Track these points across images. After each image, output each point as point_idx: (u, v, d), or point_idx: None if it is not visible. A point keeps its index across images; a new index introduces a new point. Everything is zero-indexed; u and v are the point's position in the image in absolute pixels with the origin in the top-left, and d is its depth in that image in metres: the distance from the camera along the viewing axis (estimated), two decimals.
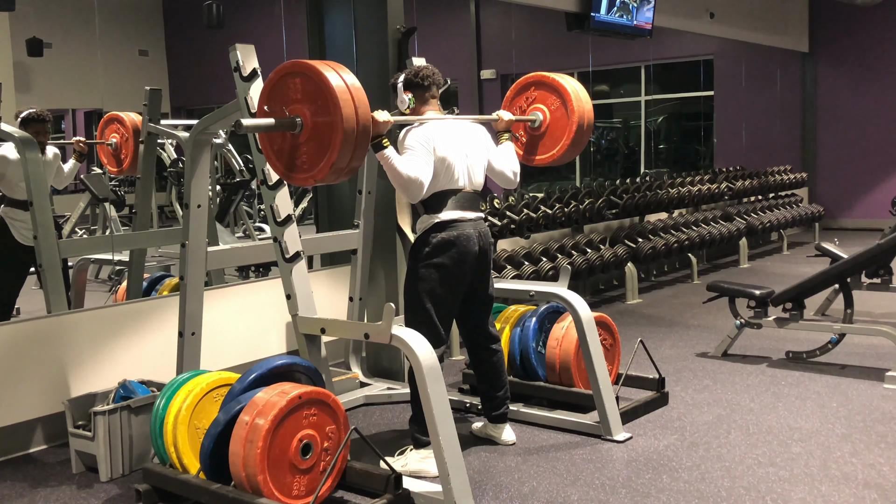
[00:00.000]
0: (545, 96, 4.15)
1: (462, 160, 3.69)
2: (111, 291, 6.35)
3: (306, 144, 3.05)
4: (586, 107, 4.09)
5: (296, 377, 3.29)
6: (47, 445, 4.14)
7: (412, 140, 3.56)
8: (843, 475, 3.48)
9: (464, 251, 3.64)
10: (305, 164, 3.06)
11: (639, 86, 13.79)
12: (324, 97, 2.96)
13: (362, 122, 2.99)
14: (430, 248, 3.63)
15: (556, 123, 4.11)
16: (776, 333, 5.66)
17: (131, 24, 10.37)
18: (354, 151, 3.00)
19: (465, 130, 3.79)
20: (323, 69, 2.99)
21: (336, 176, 3.05)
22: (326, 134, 2.98)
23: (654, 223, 8.11)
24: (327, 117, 2.97)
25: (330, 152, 2.97)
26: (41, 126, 5.15)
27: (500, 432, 3.96)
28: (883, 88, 11.82)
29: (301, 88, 3.04)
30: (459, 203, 3.68)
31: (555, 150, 4.12)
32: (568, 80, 4.14)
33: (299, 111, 3.04)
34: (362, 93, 3.03)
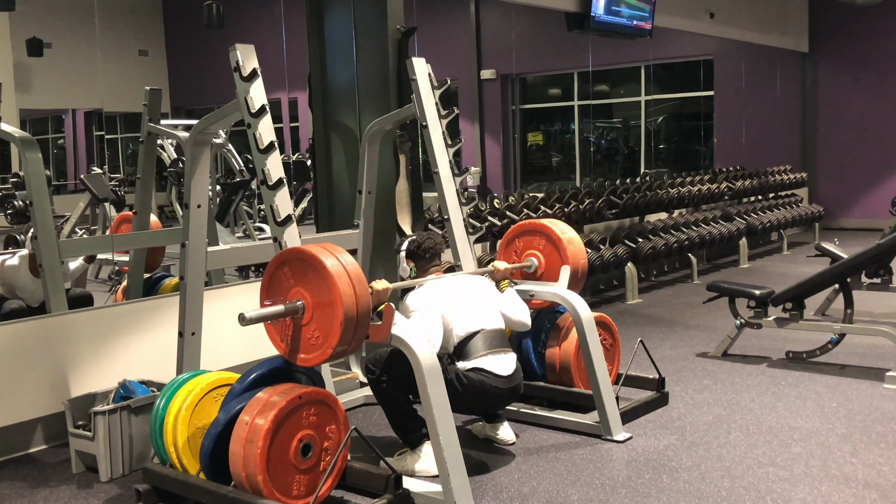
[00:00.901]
0: (531, 241, 4.39)
1: (470, 306, 3.69)
2: (111, 291, 6.36)
3: (310, 325, 3.07)
4: (580, 256, 4.29)
5: (296, 377, 3.29)
6: (47, 445, 4.14)
7: (415, 302, 3.61)
8: (843, 475, 3.48)
9: (491, 403, 3.70)
10: (312, 343, 3.08)
11: (639, 86, 13.78)
12: (321, 280, 3.00)
13: (361, 299, 3.01)
14: (458, 382, 3.53)
15: (551, 266, 4.31)
16: (776, 333, 5.66)
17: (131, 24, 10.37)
18: (357, 326, 3.02)
19: (466, 281, 3.85)
20: (317, 252, 3.02)
21: (343, 352, 3.08)
22: (329, 313, 3.00)
23: (654, 223, 8.11)
24: (327, 297, 2.99)
25: (334, 330, 2.99)
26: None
27: (499, 431, 3.96)
28: (883, 88, 11.82)
29: (297, 274, 3.08)
30: (487, 343, 3.63)
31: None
32: (553, 223, 4.36)
33: (299, 295, 3.07)
34: (358, 269, 3.06)
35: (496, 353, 3.63)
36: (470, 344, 3.61)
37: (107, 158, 9.31)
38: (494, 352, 3.63)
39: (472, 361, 3.58)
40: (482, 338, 3.62)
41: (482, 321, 3.67)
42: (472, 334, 3.62)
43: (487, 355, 3.60)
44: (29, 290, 5.14)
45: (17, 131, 4.89)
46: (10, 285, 5.18)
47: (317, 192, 5.71)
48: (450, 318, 3.61)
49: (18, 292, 5.19)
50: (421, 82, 4.50)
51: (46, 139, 9.94)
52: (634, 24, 8.45)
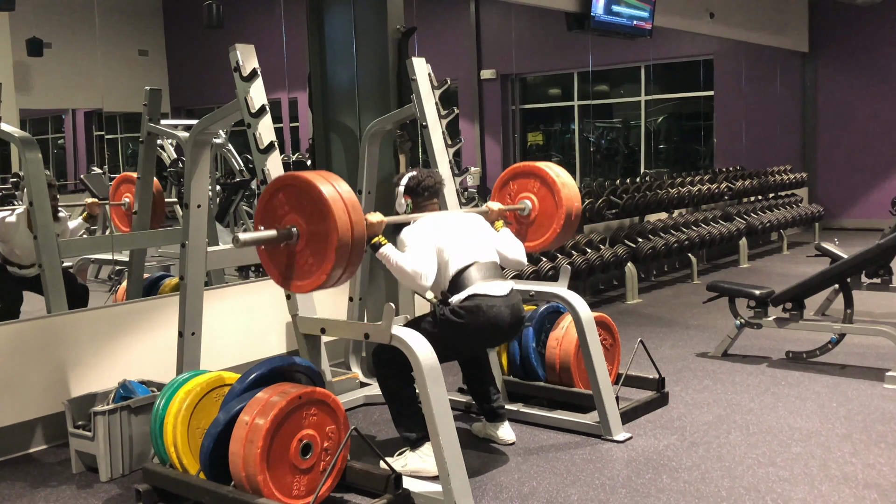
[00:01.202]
0: (525, 184, 4.27)
1: (465, 240, 3.68)
2: (111, 291, 6.35)
3: (304, 252, 3.05)
4: (574, 198, 4.19)
5: (296, 377, 3.29)
6: (47, 445, 4.14)
7: (410, 235, 3.58)
8: (843, 475, 3.48)
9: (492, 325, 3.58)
10: (305, 271, 3.06)
11: (639, 86, 13.78)
12: (316, 206, 2.98)
13: (357, 227, 2.99)
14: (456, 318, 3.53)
15: (544, 211, 4.22)
16: (776, 333, 5.66)
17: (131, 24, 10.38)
18: (351, 255, 3.01)
19: (461, 218, 3.84)
20: (314, 179, 3.00)
21: (335, 280, 3.06)
22: (322, 241, 2.98)
23: (654, 223, 8.11)
24: (322, 225, 2.97)
25: (328, 258, 2.97)
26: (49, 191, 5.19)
27: (499, 431, 3.96)
28: (883, 88, 11.82)
29: (292, 200, 3.06)
30: (482, 273, 3.62)
31: (545, 236, 4.22)
32: (548, 166, 4.25)
33: (294, 221, 3.05)
34: (354, 199, 3.04)
35: (491, 280, 3.62)
36: (463, 276, 3.58)
37: (107, 158, 9.31)
38: (488, 279, 3.61)
39: (466, 291, 3.56)
40: (476, 269, 3.61)
41: (476, 254, 3.66)
42: (467, 267, 3.60)
43: (481, 282, 3.59)
44: (26, 247, 5.11)
45: (17, 131, 4.89)
46: (9, 243, 5.16)
47: None
48: (445, 252, 3.59)
49: (17, 249, 5.17)
50: (421, 82, 4.50)
51: (46, 139, 9.94)
52: (634, 24, 8.45)
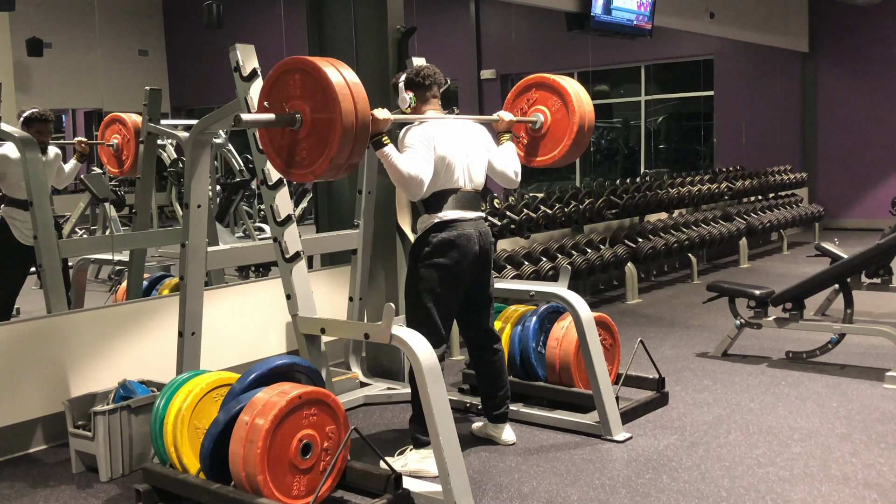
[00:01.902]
0: (546, 97, 4.15)
1: (462, 159, 3.69)
2: (111, 291, 6.36)
3: (306, 140, 3.04)
4: (587, 108, 4.09)
5: (296, 377, 3.29)
6: (47, 445, 4.14)
7: (412, 138, 3.56)
8: (843, 475, 3.48)
9: (464, 251, 3.64)
10: (304, 159, 3.06)
11: (639, 86, 13.79)
12: (323, 93, 2.96)
13: (361, 118, 2.98)
14: (430, 248, 3.63)
15: (556, 125, 4.10)
16: (776, 333, 5.66)
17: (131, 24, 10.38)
18: (353, 147, 2.99)
19: (466, 130, 3.79)
20: (322, 65, 2.99)
21: (335, 172, 3.05)
22: (325, 129, 2.97)
23: (654, 223, 8.11)
24: (326, 113, 2.96)
25: (329, 148, 2.96)
26: (43, 126, 5.15)
27: (501, 432, 3.96)
28: (883, 88, 11.82)
29: (301, 85, 3.04)
30: (459, 202, 3.67)
31: (555, 151, 4.12)
32: (569, 82, 4.14)
33: (299, 107, 3.04)
34: (361, 89, 3.02)
35: (465, 211, 3.68)
36: (444, 197, 3.64)
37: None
38: (465, 209, 3.68)
39: (440, 214, 3.63)
40: (456, 197, 3.67)
41: (466, 178, 3.70)
42: (450, 191, 3.65)
43: (457, 210, 3.66)
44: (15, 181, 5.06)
45: (17, 131, 4.89)
46: (5, 175, 5.08)
47: (317, 192, 5.71)
48: (441, 164, 3.61)
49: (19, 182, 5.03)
50: None
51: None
52: (634, 24, 8.45)
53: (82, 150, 5.57)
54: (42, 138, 5.09)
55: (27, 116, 5.13)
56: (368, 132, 3.09)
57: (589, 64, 12.25)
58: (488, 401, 3.98)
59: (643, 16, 8.53)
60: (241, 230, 8.71)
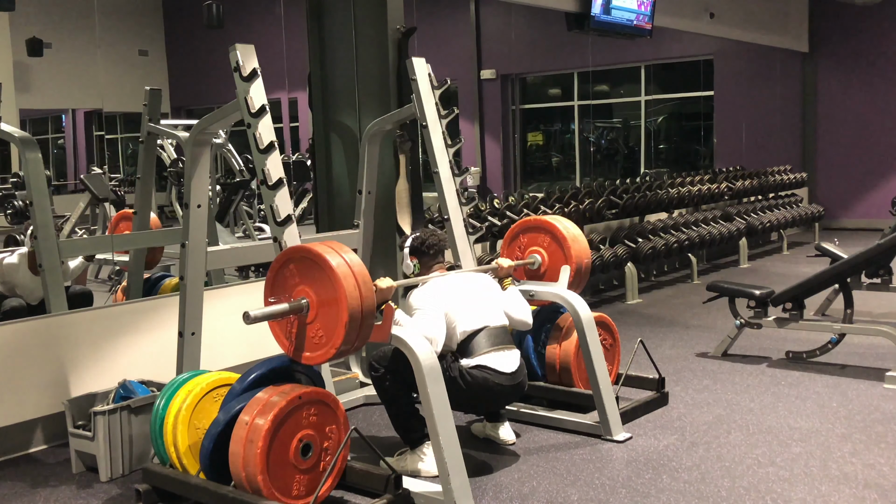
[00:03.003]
0: (535, 238, 4.36)
1: (474, 304, 3.69)
2: (111, 291, 6.36)
3: (315, 324, 3.07)
4: (582, 244, 4.27)
5: (296, 377, 3.29)
6: (47, 445, 4.14)
7: (419, 300, 3.59)
8: (843, 475, 3.48)
9: (495, 400, 3.71)
10: (316, 342, 3.08)
11: (639, 86, 13.79)
12: (326, 278, 3.00)
13: (366, 297, 3.02)
14: (460, 381, 3.53)
15: (554, 263, 4.28)
16: (776, 333, 5.66)
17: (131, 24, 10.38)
18: (362, 324, 3.03)
19: (470, 279, 3.84)
20: (322, 251, 3.03)
21: (346, 351, 3.08)
22: (333, 311, 3.00)
23: (654, 223, 8.11)
24: (331, 295, 2.99)
25: (338, 328, 2.99)
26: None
27: (500, 431, 3.96)
28: (883, 88, 11.82)
29: (302, 272, 3.08)
30: (490, 340, 3.63)
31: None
32: (558, 220, 4.33)
33: (304, 293, 3.08)
34: (363, 267, 3.06)
35: (500, 350, 3.63)
36: (473, 341, 3.60)
37: (107, 158, 9.32)
38: (498, 349, 3.63)
39: (476, 359, 3.58)
40: (486, 335, 3.63)
41: (486, 318, 3.67)
42: (476, 331, 3.62)
43: (491, 352, 3.60)
44: (28, 288, 5.15)
45: (17, 131, 4.89)
46: (10, 283, 5.19)
47: (317, 192, 5.71)
48: (453, 315, 3.61)
49: (18, 290, 5.20)
50: (421, 82, 4.50)
51: (46, 139, 9.95)
52: (634, 24, 8.45)
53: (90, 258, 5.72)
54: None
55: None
56: (374, 306, 3.10)
57: (589, 64, 12.27)
58: None
59: (643, 16, 8.53)
60: (241, 230, 8.72)
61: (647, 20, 8.60)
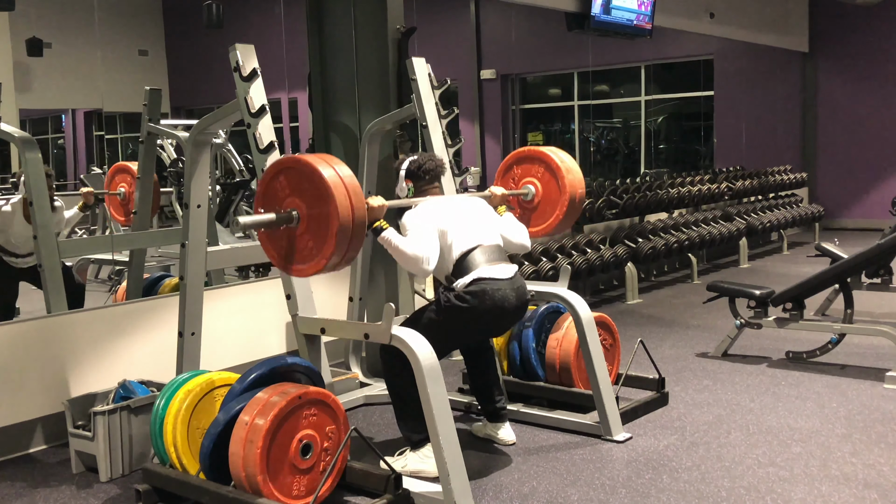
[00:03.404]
0: (529, 169, 4.24)
1: (469, 223, 3.67)
2: (111, 291, 6.35)
3: (304, 236, 3.05)
4: (577, 175, 4.16)
5: (296, 377, 3.29)
6: (47, 445, 4.13)
7: (412, 220, 3.55)
8: (843, 475, 3.48)
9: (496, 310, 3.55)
10: (305, 255, 3.06)
11: (639, 86, 13.79)
12: (317, 189, 2.96)
13: (357, 210, 2.99)
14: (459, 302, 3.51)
15: (548, 195, 4.18)
16: (776, 333, 5.66)
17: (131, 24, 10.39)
18: (352, 239, 3.00)
19: (464, 201, 3.83)
20: (315, 162, 3.00)
21: (336, 265, 3.06)
22: (323, 224, 2.97)
23: (654, 223, 8.11)
24: (322, 208, 2.96)
25: (328, 242, 2.96)
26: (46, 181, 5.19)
27: (500, 431, 3.96)
28: (883, 88, 11.82)
29: (293, 183, 3.05)
30: (486, 256, 3.59)
31: (551, 219, 4.17)
32: (553, 151, 4.22)
33: (294, 204, 3.05)
34: (355, 181, 3.03)
35: (495, 264, 3.59)
36: (467, 259, 3.55)
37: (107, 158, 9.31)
38: (493, 262, 3.58)
39: (470, 275, 3.52)
40: (480, 252, 3.58)
41: (480, 237, 3.63)
42: (470, 250, 3.58)
43: (485, 266, 3.55)
44: (23, 237, 5.12)
45: (17, 131, 4.89)
46: (4, 232, 5.15)
47: None
48: (447, 235, 3.56)
49: (12, 239, 5.17)
50: (421, 82, 4.50)
51: (46, 139, 9.96)
52: (634, 24, 8.45)
53: (87, 202, 5.65)
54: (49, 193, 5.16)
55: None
56: (365, 222, 3.08)
57: (589, 64, 12.26)
58: (486, 399, 3.98)
59: (643, 16, 8.53)
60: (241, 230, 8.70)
61: (647, 20, 8.60)
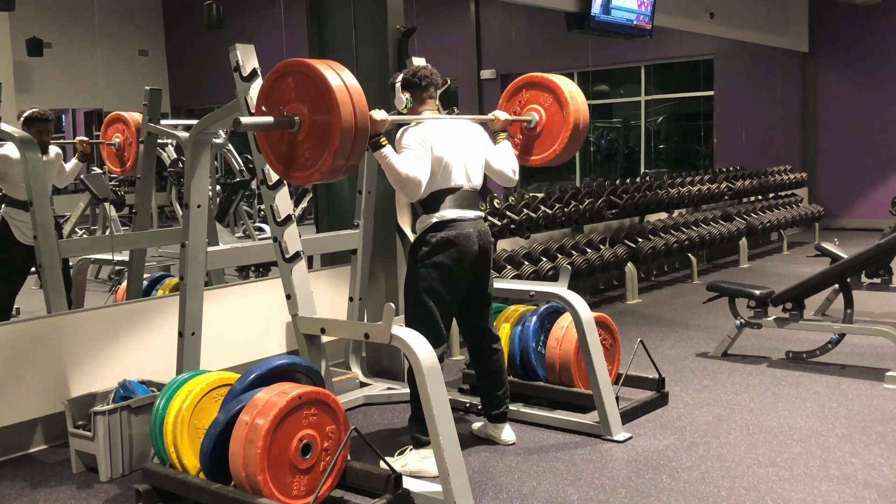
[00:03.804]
0: (538, 95, 4.15)
1: (460, 159, 3.70)
2: (111, 291, 6.36)
3: (304, 143, 3.04)
4: (582, 107, 4.09)
5: (296, 377, 3.29)
6: (47, 445, 4.14)
7: (409, 139, 3.57)
8: (843, 475, 3.48)
9: (463, 250, 3.65)
10: (304, 162, 3.06)
11: (639, 86, 13.79)
12: (322, 96, 2.95)
13: (360, 120, 2.98)
14: (429, 248, 3.64)
15: (551, 125, 4.10)
16: (776, 333, 5.66)
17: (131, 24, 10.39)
18: (353, 149, 2.99)
19: (463, 129, 3.80)
20: (322, 68, 2.99)
21: (334, 174, 3.05)
22: (325, 132, 2.97)
23: (654, 223, 8.11)
24: (326, 116, 2.96)
25: (328, 150, 2.96)
26: (44, 125, 5.14)
27: (500, 432, 3.96)
28: (883, 88, 11.82)
29: (299, 87, 3.03)
30: (458, 202, 3.69)
31: (552, 149, 4.11)
32: (563, 81, 4.13)
33: (297, 110, 3.04)
34: (360, 91, 3.03)
35: (465, 209, 3.70)
36: (442, 197, 3.65)
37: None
38: (463, 208, 3.70)
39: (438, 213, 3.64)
40: (456, 196, 3.68)
41: (464, 178, 3.71)
42: (448, 189, 3.67)
43: (454, 209, 3.67)
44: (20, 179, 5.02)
45: (17, 131, 4.88)
46: (6, 176, 5.06)
47: (317, 192, 5.71)
48: (439, 164, 3.63)
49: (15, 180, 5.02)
50: None
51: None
52: (634, 24, 8.45)
53: (84, 150, 5.55)
54: (43, 138, 5.09)
55: (27, 116, 5.12)
56: (367, 133, 3.09)
57: (589, 64, 12.25)
58: (488, 401, 3.98)
59: (643, 16, 8.53)
60: (241, 230, 8.72)
61: (647, 20, 8.59)
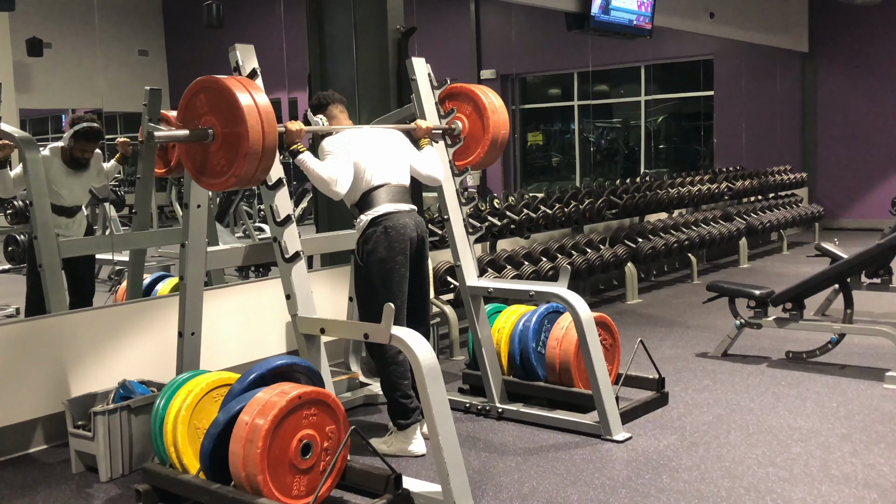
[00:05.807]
0: (459, 106, 4.44)
1: (382, 159, 3.86)
2: (111, 291, 6.36)
3: (217, 153, 3.23)
4: (502, 120, 4.37)
5: (296, 377, 3.29)
6: (47, 445, 4.14)
7: (331, 145, 3.76)
8: (843, 475, 3.48)
9: (403, 238, 3.79)
10: (220, 169, 3.24)
11: (639, 86, 13.79)
12: (233, 112, 3.14)
13: (268, 129, 3.16)
14: (371, 244, 3.77)
15: (473, 134, 4.41)
16: (776, 333, 5.66)
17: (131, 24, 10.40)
18: (260, 162, 3.18)
19: (382, 134, 4.00)
20: (234, 87, 3.16)
21: (244, 183, 3.26)
22: (234, 146, 3.16)
23: (654, 223, 8.11)
24: (235, 129, 3.15)
25: (238, 162, 3.15)
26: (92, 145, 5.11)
27: (420, 427, 3.89)
28: (883, 88, 11.82)
29: (214, 103, 3.22)
30: (389, 196, 3.83)
31: (471, 157, 4.43)
32: (487, 95, 4.38)
33: (211, 122, 3.22)
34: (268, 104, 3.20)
35: (398, 203, 3.83)
36: (373, 195, 3.80)
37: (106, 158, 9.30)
38: (395, 202, 3.83)
39: (374, 210, 3.78)
40: (385, 191, 3.82)
41: (389, 175, 3.85)
42: (377, 187, 3.81)
43: (387, 203, 3.81)
44: (65, 183, 5.01)
45: (18, 131, 4.88)
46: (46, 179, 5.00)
47: (317, 192, 5.71)
48: (360, 167, 3.77)
49: (54, 186, 4.96)
50: (421, 82, 4.50)
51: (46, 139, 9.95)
52: (634, 24, 8.45)
53: (125, 152, 5.46)
54: (87, 155, 5.10)
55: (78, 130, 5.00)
56: (276, 149, 3.25)
57: (589, 64, 12.24)
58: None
59: (643, 16, 8.53)
60: (241, 230, 8.71)
61: (647, 20, 8.60)
